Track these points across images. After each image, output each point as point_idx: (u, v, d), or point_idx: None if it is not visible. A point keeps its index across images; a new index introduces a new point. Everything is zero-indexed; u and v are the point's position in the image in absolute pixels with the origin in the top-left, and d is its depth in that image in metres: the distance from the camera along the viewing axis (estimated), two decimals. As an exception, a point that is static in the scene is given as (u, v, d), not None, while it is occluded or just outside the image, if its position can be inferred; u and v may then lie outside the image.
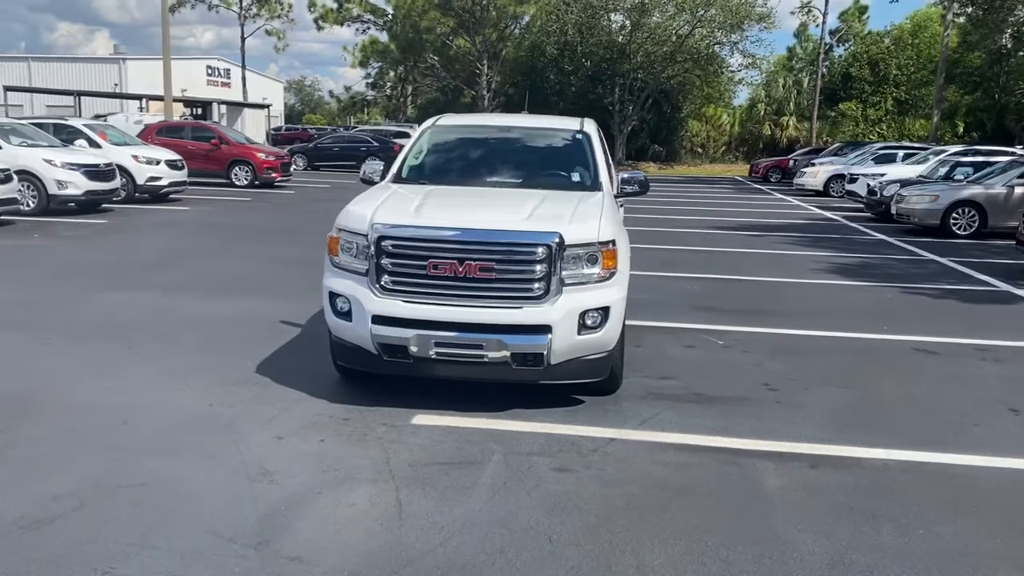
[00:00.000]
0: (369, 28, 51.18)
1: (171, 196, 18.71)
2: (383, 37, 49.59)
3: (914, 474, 4.54)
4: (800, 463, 4.63)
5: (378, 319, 5.08)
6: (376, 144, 33.55)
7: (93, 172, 15.35)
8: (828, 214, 20.50)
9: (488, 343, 4.98)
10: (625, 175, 6.40)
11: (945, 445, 4.92)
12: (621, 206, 7.12)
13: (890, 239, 15.36)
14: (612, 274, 5.20)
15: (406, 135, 36.25)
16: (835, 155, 30.14)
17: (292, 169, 24.84)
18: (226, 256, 11.34)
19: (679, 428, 5.09)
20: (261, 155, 22.97)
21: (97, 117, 32.18)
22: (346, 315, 5.22)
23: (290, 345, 6.73)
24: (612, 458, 4.63)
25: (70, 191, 14.94)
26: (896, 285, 10.44)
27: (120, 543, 3.54)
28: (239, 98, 53.66)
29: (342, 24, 51.14)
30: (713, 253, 12.94)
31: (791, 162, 33.41)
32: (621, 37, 43.69)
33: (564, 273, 5.02)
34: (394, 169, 6.46)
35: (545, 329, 4.98)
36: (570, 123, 6.94)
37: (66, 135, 17.53)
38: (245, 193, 21.28)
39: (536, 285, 4.99)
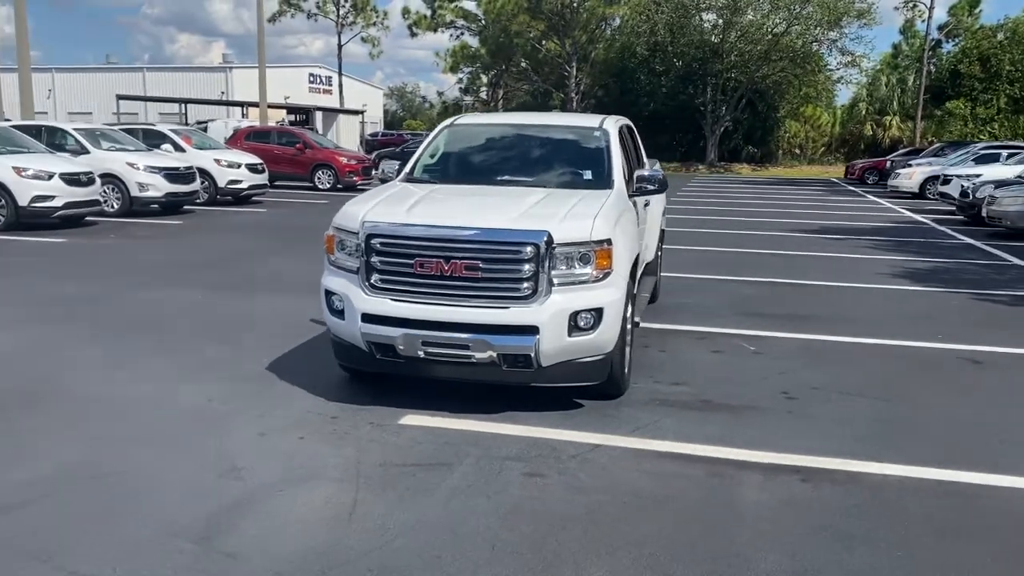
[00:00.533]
0: (463, 34, 51.72)
1: (252, 198, 19.30)
2: (475, 42, 49.93)
3: (916, 492, 4.21)
4: (791, 477, 4.37)
5: (367, 317, 5.06)
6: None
7: (173, 175, 15.96)
8: (918, 217, 19.53)
9: (474, 343, 4.89)
10: (644, 173, 6.19)
11: (963, 463, 4.54)
12: (647, 204, 6.94)
13: (976, 243, 14.50)
14: (607, 274, 5.04)
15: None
16: (935, 155, 28.70)
17: (373, 173, 25.25)
18: (284, 255, 11.59)
19: (673, 436, 4.88)
20: (343, 159, 23.47)
21: (199, 123, 33.65)
22: (340, 313, 5.23)
23: (311, 343, 6.79)
24: (591, 465, 4.47)
25: (151, 193, 15.59)
26: (968, 291, 9.83)
27: (71, 531, 3.61)
28: (336, 104, 55.02)
29: (435, 30, 51.80)
30: (783, 257, 12.48)
31: (888, 163, 32.00)
32: (714, 36, 42.85)
33: (554, 273, 4.89)
34: (407, 168, 6.45)
35: (532, 330, 4.85)
36: (590, 120, 6.78)
37: (153, 140, 18.30)
38: (325, 196, 21.76)
39: (523, 285, 4.87)
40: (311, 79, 69.58)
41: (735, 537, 3.69)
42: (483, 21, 48.10)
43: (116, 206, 15.42)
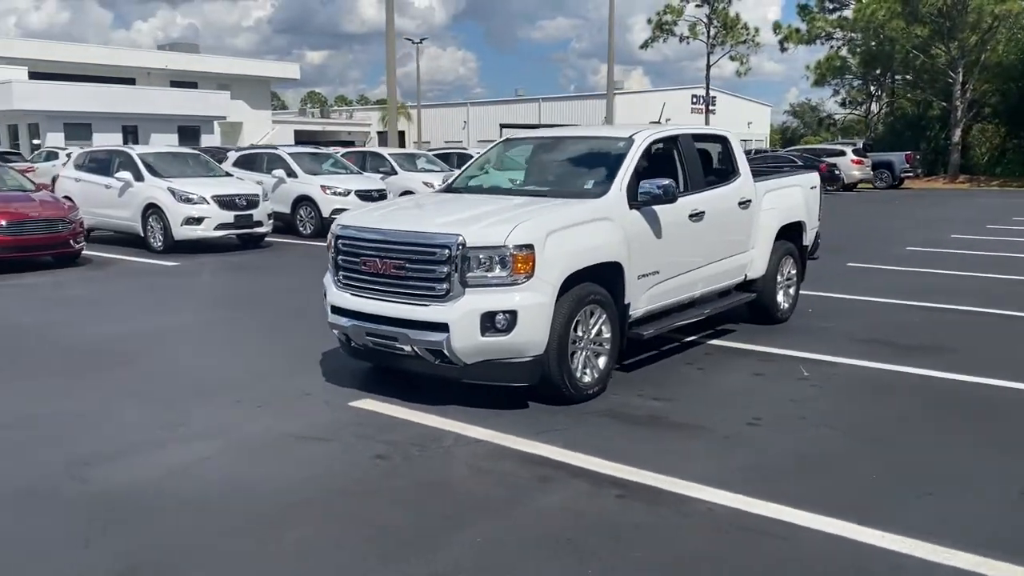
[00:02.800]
0: (843, 46, 49.01)
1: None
2: (845, 53, 47.03)
3: (738, 529, 3.84)
4: (632, 498, 4.18)
5: (334, 309, 5.79)
6: (799, 163, 32.33)
7: (365, 195, 15.91)
8: None
9: (400, 337, 5.37)
10: (649, 186, 6.06)
11: (854, 513, 3.95)
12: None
13: None
14: (526, 278, 5.19)
15: (840, 152, 34.32)
16: None
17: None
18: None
19: (567, 445, 4.84)
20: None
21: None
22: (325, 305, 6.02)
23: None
24: (445, 455, 4.72)
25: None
26: None
27: None
28: (718, 123, 55.05)
29: (809, 43, 49.76)
30: (1010, 282, 10.60)
31: None
32: None
33: (469, 275, 5.18)
34: (449, 179, 7.01)
35: (442, 327, 5.20)
36: (622, 132, 6.74)
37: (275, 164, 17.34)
38: None
39: (439, 285, 5.24)
40: (693, 99, 70.56)
41: (472, 535, 3.79)
42: (854, 31, 45.16)
43: (310, 230, 16.13)
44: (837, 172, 32.20)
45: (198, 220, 13.39)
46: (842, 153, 34.44)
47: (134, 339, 7.61)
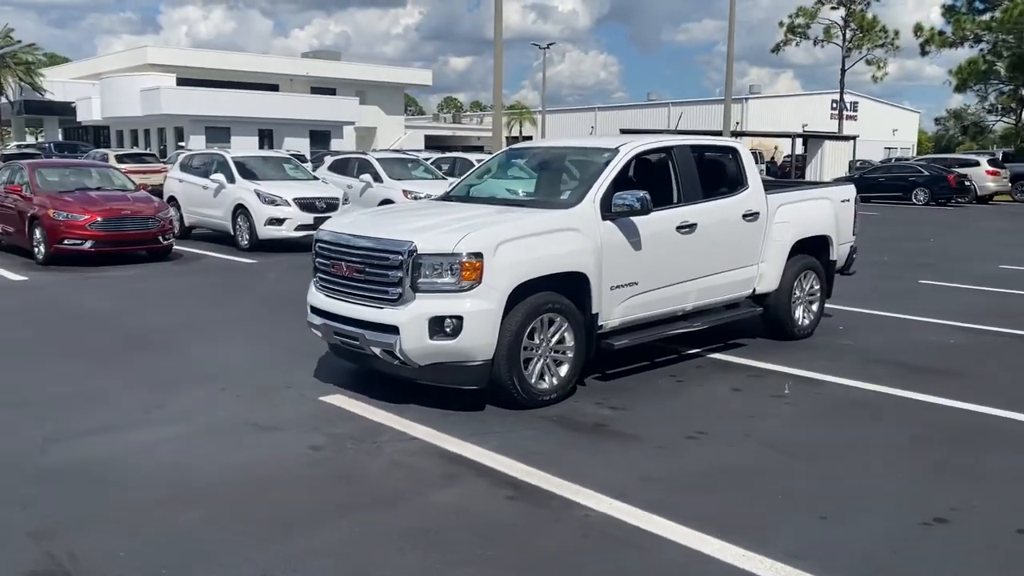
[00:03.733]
0: (991, 48, 46.09)
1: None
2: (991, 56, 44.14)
3: (602, 536, 3.94)
4: (522, 499, 4.36)
5: (312, 309, 6.18)
6: (926, 174, 30.75)
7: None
8: None
9: (360, 337, 5.70)
10: (625, 197, 6.12)
11: (735, 532, 3.97)
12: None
13: None
14: (473, 285, 5.40)
15: (974, 163, 32.40)
16: None
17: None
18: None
19: (495, 447, 5.00)
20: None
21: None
22: (314, 305, 6.41)
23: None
24: (373, 448, 5.00)
25: None
26: None
27: None
28: (859, 130, 52.74)
29: (954, 46, 47.06)
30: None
31: None
32: None
33: (420, 280, 5.44)
34: (448, 188, 7.29)
35: (394, 329, 5.48)
36: (610, 143, 6.80)
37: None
38: None
39: (392, 289, 5.53)
40: (832, 106, 68.04)
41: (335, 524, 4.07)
42: (1003, 32, 42.38)
43: None
44: (968, 183, 30.40)
45: (280, 221, 14.21)
46: (976, 163, 32.45)
47: (176, 329, 8.28)
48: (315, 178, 16.22)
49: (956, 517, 4.14)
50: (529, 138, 72.36)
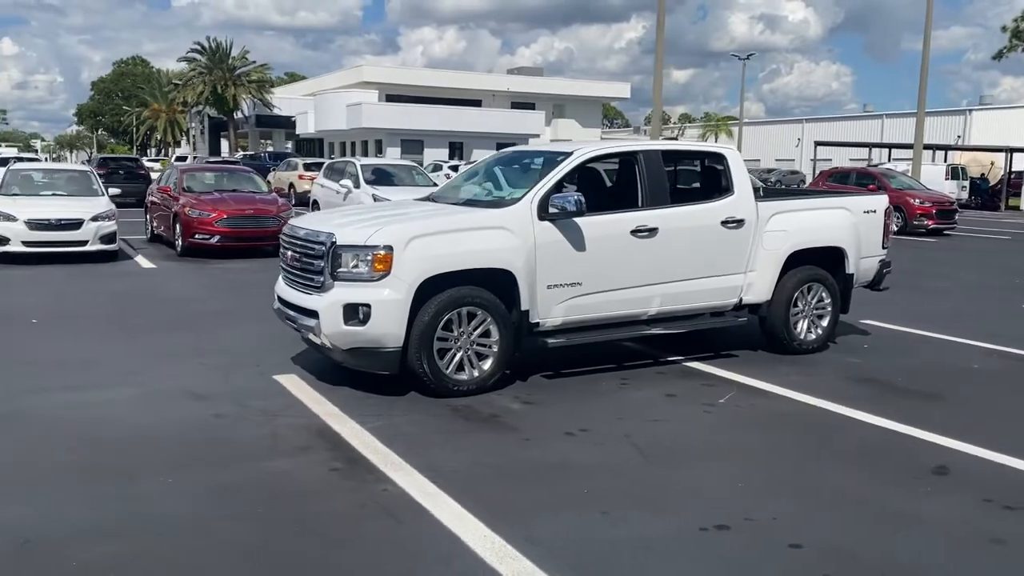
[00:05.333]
0: None
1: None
2: None
3: (382, 510, 4.22)
4: (343, 473, 4.68)
5: (277, 295, 6.80)
6: None
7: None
8: None
9: (296, 320, 6.25)
10: (560, 200, 6.25)
11: (506, 525, 4.12)
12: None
13: None
14: (383, 276, 5.79)
15: None
16: None
17: (956, 216, 22.74)
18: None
19: (374, 428, 5.30)
20: (915, 201, 21.88)
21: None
22: (289, 293, 7.03)
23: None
24: (265, 422, 5.48)
25: None
26: None
27: None
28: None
29: None
30: None
31: None
32: None
33: (339, 270, 5.91)
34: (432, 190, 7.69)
35: (315, 314, 5.98)
36: (569, 148, 6.88)
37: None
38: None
39: (317, 277, 6.03)
40: (1074, 114, 61.43)
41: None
42: None
43: None
44: None
45: (389, 223, 15.15)
46: None
47: (226, 313, 9.25)
48: (435, 184, 17.08)
49: (742, 526, 4.01)
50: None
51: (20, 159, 28.66)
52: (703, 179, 7.34)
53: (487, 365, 6.15)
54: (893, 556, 3.75)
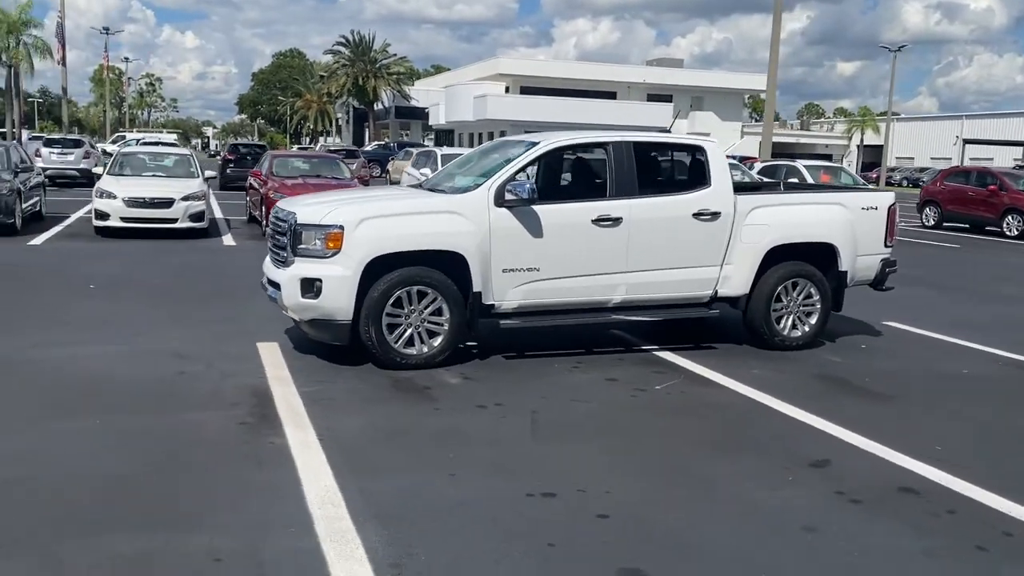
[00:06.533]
0: None
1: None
2: None
3: (265, 451, 4.71)
4: (248, 428, 5.22)
5: (264, 272, 7.39)
6: None
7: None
8: None
9: (270, 292, 6.83)
10: (512, 185, 6.53)
11: (354, 482, 4.52)
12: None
13: None
14: (335, 253, 6.27)
15: None
16: None
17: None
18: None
19: (306, 394, 5.77)
20: (1042, 203, 20.48)
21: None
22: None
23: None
24: (207, 378, 6.07)
25: None
26: None
27: None
28: None
29: None
30: None
31: None
32: None
33: (300, 246, 6.43)
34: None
35: (278, 286, 6.54)
36: (538, 138, 7.10)
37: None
38: (1012, 243, 19.67)
39: (283, 252, 6.58)
40: None
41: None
42: None
43: None
44: None
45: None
46: None
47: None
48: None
49: (569, 496, 4.23)
50: (870, 147, 67.34)
51: (150, 143, 30.93)
52: (680, 171, 7.39)
53: (437, 342, 6.51)
54: (686, 533, 3.88)
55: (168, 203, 14.18)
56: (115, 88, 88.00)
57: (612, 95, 56.20)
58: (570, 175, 7.25)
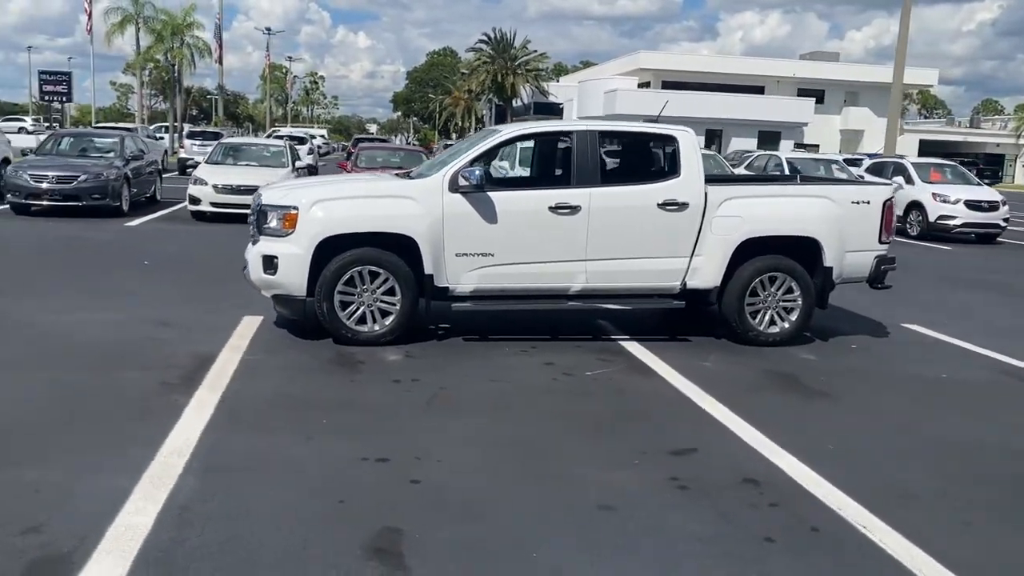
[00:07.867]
0: None
1: (965, 236, 17.86)
2: None
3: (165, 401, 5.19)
4: (179, 387, 5.73)
5: (248, 253, 7.91)
6: None
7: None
8: None
9: (245, 270, 7.35)
10: (465, 172, 6.72)
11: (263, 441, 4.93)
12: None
13: None
14: (289, 233, 6.70)
15: None
16: None
17: None
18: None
19: (246, 364, 6.33)
20: None
21: None
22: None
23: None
24: (167, 347, 6.62)
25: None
26: None
27: None
28: None
29: None
30: None
31: None
32: None
33: (264, 226, 6.90)
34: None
35: (246, 263, 7.05)
36: (504, 127, 7.25)
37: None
38: None
39: (255, 231, 7.07)
40: None
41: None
42: None
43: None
44: None
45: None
46: None
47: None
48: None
49: (402, 462, 4.43)
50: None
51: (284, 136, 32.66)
52: (648, 161, 7.33)
53: (388, 321, 6.82)
54: (476, 501, 4.00)
55: (253, 190, 15.10)
56: (279, 85, 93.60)
57: (760, 90, 54.44)
58: (534, 163, 7.33)
